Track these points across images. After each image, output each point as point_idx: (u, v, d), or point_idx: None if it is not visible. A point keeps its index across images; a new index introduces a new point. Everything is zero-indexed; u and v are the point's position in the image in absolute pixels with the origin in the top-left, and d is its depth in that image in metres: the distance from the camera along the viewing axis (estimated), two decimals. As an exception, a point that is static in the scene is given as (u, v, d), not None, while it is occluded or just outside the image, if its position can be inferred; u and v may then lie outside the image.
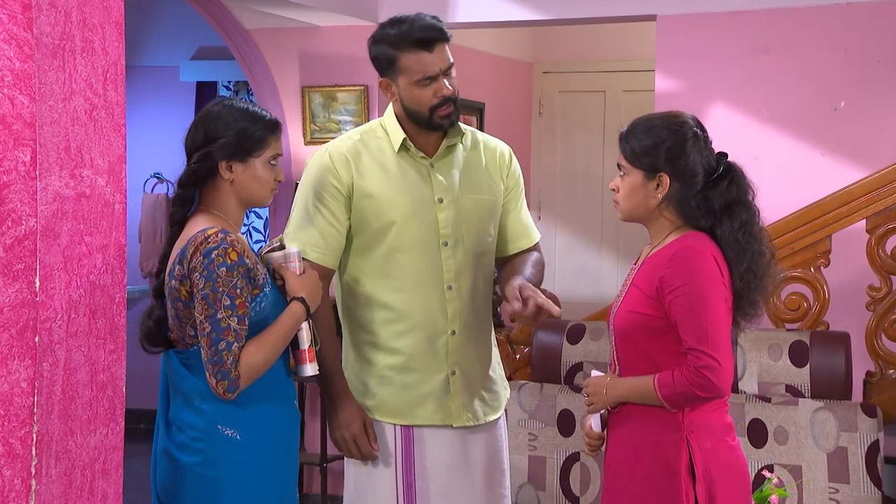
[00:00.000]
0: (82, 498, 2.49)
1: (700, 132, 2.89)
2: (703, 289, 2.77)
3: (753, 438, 4.15)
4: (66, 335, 2.43)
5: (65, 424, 2.44)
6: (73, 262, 2.45)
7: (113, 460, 2.58)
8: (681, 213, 2.89)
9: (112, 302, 2.56)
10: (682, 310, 2.77)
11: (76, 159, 2.45)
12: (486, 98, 7.25)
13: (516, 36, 7.71)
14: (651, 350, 2.85)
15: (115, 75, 2.56)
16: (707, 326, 2.75)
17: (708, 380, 2.75)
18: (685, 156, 2.84)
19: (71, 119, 2.43)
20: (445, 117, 3.14)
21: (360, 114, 6.07)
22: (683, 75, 5.74)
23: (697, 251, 2.81)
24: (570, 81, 8.09)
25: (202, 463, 2.80)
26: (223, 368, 2.74)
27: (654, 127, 2.88)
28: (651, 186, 2.87)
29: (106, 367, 2.55)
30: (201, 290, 2.76)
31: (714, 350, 2.75)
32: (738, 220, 2.85)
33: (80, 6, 2.46)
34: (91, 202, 2.49)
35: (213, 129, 2.87)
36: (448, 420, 3.18)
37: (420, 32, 3.10)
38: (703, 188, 2.86)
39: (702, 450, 2.82)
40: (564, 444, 4.32)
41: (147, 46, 8.30)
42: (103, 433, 2.55)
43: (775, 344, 4.22)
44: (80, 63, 2.46)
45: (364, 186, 3.14)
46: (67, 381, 2.44)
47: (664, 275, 2.81)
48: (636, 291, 2.89)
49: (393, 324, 3.16)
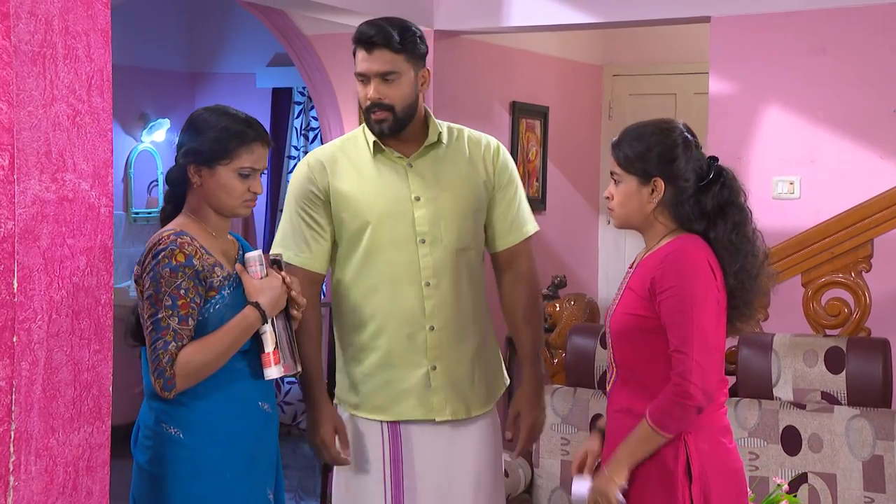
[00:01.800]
0: (65, 494, 2.55)
1: (690, 137, 2.91)
2: (693, 290, 2.78)
3: (787, 446, 4.07)
4: (47, 335, 2.50)
5: (45, 422, 2.50)
6: (54, 264, 2.51)
7: (99, 458, 2.63)
8: (675, 217, 2.90)
9: (97, 303, 2.62)
10: (671, 311, 2.78)
11: (58, 164, 2.51)
12: (550, 101, 7.23)
13: (585, 39, 7.66)
14: (646, 351, 2.85)
15: (101, 82, 2.62)
16: (693, 329, 2.75)
17: (691, 383, 2.74)
18: (677, 160, 2.86)
19: (52, 124, 2.50)
20: (376, 122, 3.18)
21: (414, 118, 6.10)
22: (738, 77, 5.66)
23: (689, 253, 2.83)
24: (640, 84, 8.01)
25: (150, 460, 2.87)
26: (159, 367, 2.80)
27: (645, 133, 2.90)
28: (646, 192, 2.88)
29: (90, 366, 2.60)
30: (146, 290, 2.83)
31: (696, 353, 2.74)
32: (730, 222, 2.86)
33: (63, 14, 2.52)
34: (74, 205, 2.55)
35: (191, 132, 2.94)
36: (430, 415, 3.21)
37: (364, 31, 3.17)
38: (696, 192, 2.88)
39: (699, 451, 2.81)
40: (596, 449, 4.29)
41: (224, 54, 8.44)
42: (88, 431, 2.61)
43: (811, 350, 4.14)
44: (62, 70, 2.52)
45: (339, 189, 3.21)
46: (48, 380, 2.50)
47: (656, 275, 2.82)
48: (631, 294, 2.90)
49: (373, 322, 3.22)
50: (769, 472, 4.08)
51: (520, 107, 6.90)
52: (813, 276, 4.35)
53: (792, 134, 5.54)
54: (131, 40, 7.89)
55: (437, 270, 3.20)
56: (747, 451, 4.10)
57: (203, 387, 2.86)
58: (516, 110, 6.87)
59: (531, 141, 7.07)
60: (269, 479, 3.03)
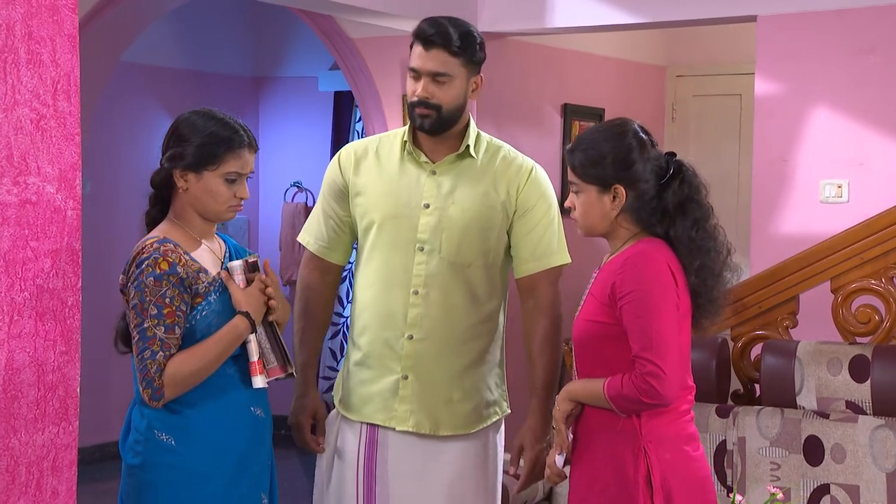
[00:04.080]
0: (28, 494, 2.59)
1: (645, 136, 2.84)
2: (652, 295, 2.73)
3: (809, 456, 3.95)
4: (8, 336, 2.53)
5: (6, 423, 2.54)
6: (15, 266, 2.54)
7: (65, 458, 2.67)
8: (637, 220, 2.85)
9: (63, 305, 2.65)
10: (631, 316, 2.73)
11: (20, 167, 2.55)
12: (606, 103, 7.14)
13: (647, 39, 7.56)
14: (608, 358, 2.80)
15: (68, 86, 2.65)
16: (653, 334, 2.70)
17: (652, 386, 2.69)
18: (634, 164, 2.80)
19: (14, 128, 2.54)
20: (419, 117, 3.16)
21: (458, 121, 6.08)
22: (784, 78, 5.53)
23: (649, 256, 2.77)
24: (705, 85, 7.88)
25: (140, 466, 2.87)
26: (147, 377, 2.80)
27: (598, 140, 2.84)
28: (607, 200, 2.83)
29: (56, 367, 2.64)
30: (131, 299, 2.83)
31: (659, 358, 2.70)
32: (690, 219, 2.80)
33: (26, 20, 2.56)
34: (38, 208, 2.59)
35: (178, 136, 2.94)
36: (391, 422, 3.17)
37: (425, 28, 3.16)
38: (657, 191, 2.82)
39: (660, 461, 2.75)
40: (616, 456, 4.23)
41: (287, 58, 8.52)
42: (53, 432, 2.64)
43: (835, 358, 4.02)
44: (24, 75, 2.56)
45: (357, 185, 3.24)
46: (10, 381, 2.54)
47: (616, 280, 2.77)
48: (592, 300, 2.85)
49: (360, 320, 3.23)
50: (791, 482, 3.97)
51: (572, 109, 6.83)
52: (842, 283, 4.22)
53: (840, 135, 5.40)
54: (195, 46, 8.01)
55: (428, 280, 3.16)
56: (769, 461, 4.00)
57: (194, 394, 2.87)
58: (568, 112, 6.80)
59: (585, 143, 6.99)
60: (263, 484, 3.03)
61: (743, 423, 4.04)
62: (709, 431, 4.08)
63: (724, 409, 4.11)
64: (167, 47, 7.79)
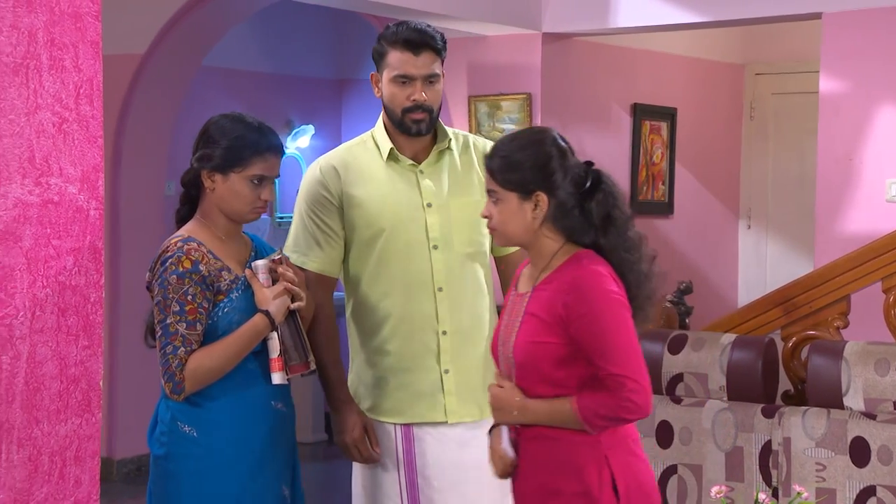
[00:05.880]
0: (51, 482, 2.70)
1: (564, 144, 2.78)
2: (611, 311, 2.68)
3: (855, 457, 3.90)
4: (31, 331, 2.65)
5: (29, 414, 2.65)
6: (37, 264, 2.66)
7: (88, 448, 2.77)
8: (562, 230, 2.77)
9: (86, 301, 2.76)
10: (594, 336, 2.67)
11: (42, 168, 2.66)
12: (678, 103, 7.11)
13: (723, 37, 7.49)
14: (557, 379, 2.73)
15: (91, 91, 2.76)
16: (620, 348, 2.66)
17: (635, 403, 2.65)
18: (553, 171, 2.73)
19: (36, 132, 2.65)
20: (415, 122, 3.20)
21: (524, 122, 6.12)
22: (850, 75, 5.45)
23: (597, 273, 2.71)
24: (784, 83, 7.78)
25: (165, 456, 2.97)
26: (168, 371, 2.91)
27: (517, 146, 2.76)
28: (528, 208, 2.75)
29: (79, 361, 2.74)
30: (156, 296, 2.95)
31: (634, 373, 2.66)
32: (618, 229, 2.76)
33: (48, 27, 2.67)
34: (60, 208, 2.70)
35: (208, 137, 3.03)
36: (444, 417, 3.23)
37: (410, 34, 3.19)
38: (578, 201, 2.75)
39: (620, 466, 2.71)
40: (662, 455, 4.21)
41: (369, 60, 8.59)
42: (76, 423, 2.75)
43: (883, 359, 3.96)
44: (46, 80, 2.67)
45: (353, 196, 3.26)
46: (31, 374, 2.65)
47: (568, 301, 2.69)
48: (534, 320, 2.75)
49: (386, 326, 3.25)
50: (836, 483, 3.92)
51: (642, 108, 6.81)
52: (894, 282, 4.17)
53: (907, 135, 5.31)
54: (277, 49, 8.15)
55: (448, 275, 3.24)
56: (814, 462, 3.96)
57: (217, 388, 2.97)
58: (638, 112, 6.78)
59: (656, 143, 6.97)
60: (285, 476, 3.11)
61: (788, 423, 4.00)
62: (754, 431, 4.06)
63: (770, 410, 4.08)
64: (249, 51, 7.94)
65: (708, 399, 4.17)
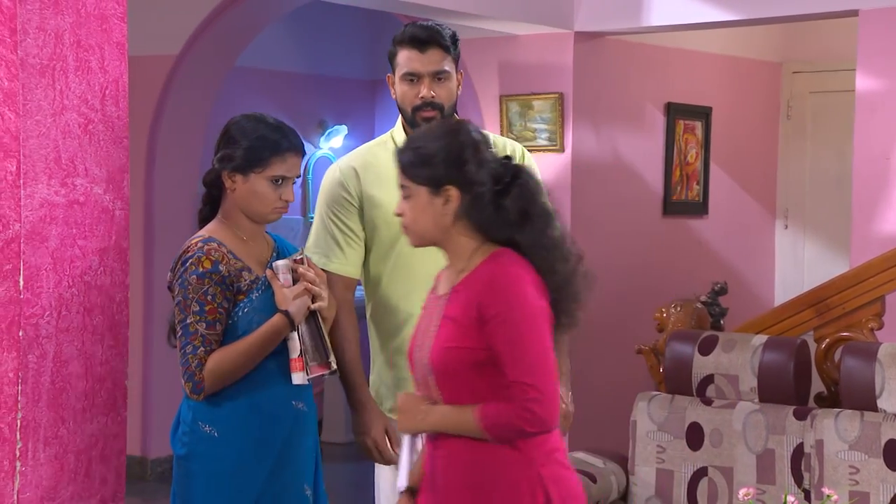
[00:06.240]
0: (76, 481, 2.72)
1: (479, 137, 2.67)
2: (525, 314, 2.54)
3: (889, 460, 3.85)
4: (56, 330, 2.67)
5: (55, 412, 2.67)
6: (63, 264, 2.68)
7: (114, 447, 2.80)
8: (478, 228, 2.63)
9: (112, 301, 2.78)
10: (504, 339, 2.53)
11: (67, 169, 2.68)
12: (713, 101, 7.04)
13: (760, 35, 7.42)
14: (479, 386, 2.58)
15: (116, 92, 2.78)
16: (530, 356, 2.53)
17: (536, 414, 2.52)
18: (466, 164, 2.60)
19: (62, 133, 2.67)
20: (425, 120, 3.19)
21: (555, 121, 6.08)
22: (887, 73, 5.38)
23: (514, 273, 2.57)
24: (823, 81, 7.68)
25: (186, 456, 2.98)
26: (188, 371, 2.91)
27: (429, 138, 2.66)
28: (439, 203, 2.61)
29: (104, 360, 2.77)
30: (176, 296, 2.95)
31: (540, 382, 2.52)
32: (536, 226, 2.62)
33: (74, 29, 2.69)
34: (86, 209, 2.72)
35: (228, 138, 3.04)
36: None
37: (416, 31, 3.21)
38: (495, 197, 2.61)
39: (551, 481, 2.61)
40: (693, 457, 4.18)
41: (402, 61, 8.61)
42: (102, 422, 2.77)
43: (917, 360, 3.91)
44: (72, 81, 2.69)
45: (372, 196, 3.26)
46: (57, 373, 2.67)
47: (482, 301, 2.55)
48: (451, 324, 2.60)
49: (407, 326, 3.22)
50: (870, 487, 3.88)
51: (676, 108, 6.75)
52: (930, 283, 4.11)
53: (946, 134, 5.24)
54: (310, 49, 8.17)
55: None
56: (847, 465, 3.91)
57: (237, 388, 2.98)
58: (672, 111, 6.73)
59: (690, 143, 6.91)
60: (307, 475, 3.12)
61: (821, 425, 3.96)
62: (786, 434, 4.02)
63: (802, 412, 4.03)
64: (282, 51, 7.96)
65: (739, 401, 4.14)
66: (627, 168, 6.50)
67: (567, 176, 6.11)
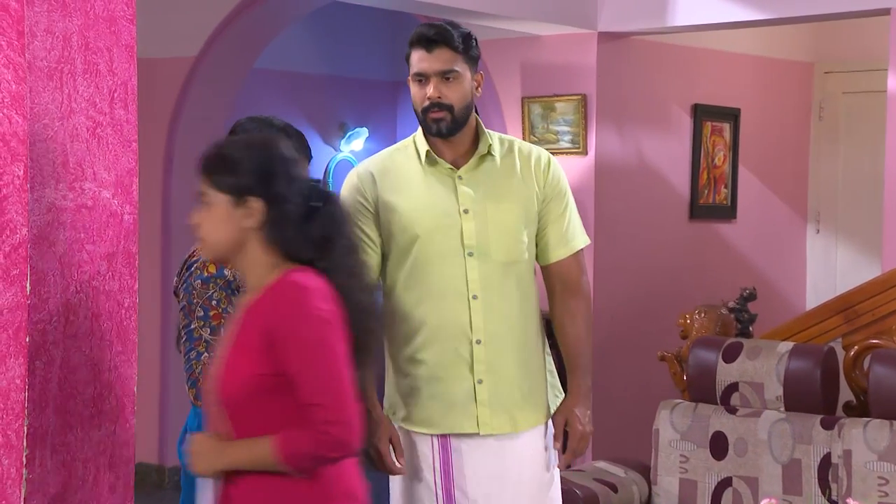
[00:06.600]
0: (84, 488, 2.67)
1: (293, 154, 2.55)
2: (312, 330, 2.40)
3: (919, 472, 3.78)
4: (63, 336, 2.62)
5: (62, 419, 2.62)
6: (70, 269, 2.63)
7: (122, 455, 2.75)
8: (280, 246, 2.48)
9: (120, 306, 2.73)
10: (296, 360, 2.38)
11: (76, 173, 2.63)
12: (742, 103, 6.94)
13: (790, 35, 7.31)
14: (275, 417, 2.42)
15: (125, 95, 2.73)
16: (321, 375, 2.39)
17: (331, 436, 2.39)
18: (276, 177, 2.46)
19: (70, 136, 2.62)
20: (434, 121, 3.15)
21: (578, 123, 6.00)
22: (919, 75, 5.28)
23: (305, 289, 2.42)
24: (857, 81, 7.56)
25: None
26: (192, 377, 2.88)
27: (239, 145, 2.55)
28: (238, 214, 2.45)
29: (112, 367, 2.72)
30: (181, 301, 2.92)
31: (336, 403, 2.39)
32: (338, 252, 2.52)
33: (83, 31, 2.64)
34: (94, 213, 2.67)
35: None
36: (475, 428, 3.16)
37: (424, 31, 3.15)
38: (300, 218, 2.48)
39: None
40: (717, 467, 4.11)
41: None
42: (110, 429, 2.72)
43: (948, 368, 3.83)
44: (80, 84, 2.64)
45: (388, 202, 3.21)
46: (65, 379, 2.63)
47: (269, 322, 2.40)
48: (240, 351, 2.44)
49: (420, 334, 3.19)
50: (899, 498, 3.80)
51: (703, 109, 6.66)
52: (962, 289, 4.03)
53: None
54: (331, 50, 8.12)
55: (484, 283, 3.17)
56: (876, 476, 3.83)
57: None
58: (699, 113, 6.64)
59: (718, 145, 6.82)
60: None
61: (849, 435, 3.88)
62: (812, 443, 3.94)
63: (830, 421, 3.95)
64: (302, 53, 7.90)
65: (764, 409, 4.06)
66: (653, 171, 6.42)
67: (590, 179, 6.05)
